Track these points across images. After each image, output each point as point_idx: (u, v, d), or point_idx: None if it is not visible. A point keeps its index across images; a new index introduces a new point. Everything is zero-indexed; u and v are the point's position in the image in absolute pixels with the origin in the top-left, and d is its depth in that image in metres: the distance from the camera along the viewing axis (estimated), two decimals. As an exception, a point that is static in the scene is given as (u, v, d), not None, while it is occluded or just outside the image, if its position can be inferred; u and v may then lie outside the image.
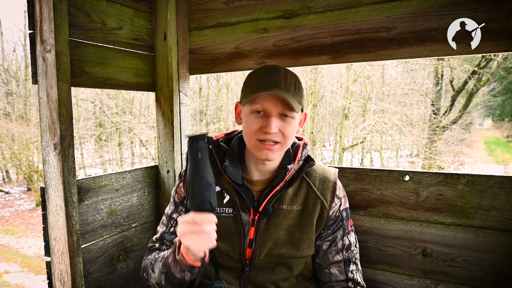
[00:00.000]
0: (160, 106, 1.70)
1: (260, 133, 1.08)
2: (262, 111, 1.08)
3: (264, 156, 1.09)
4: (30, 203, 12.12)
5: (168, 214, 1.28)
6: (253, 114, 1.09)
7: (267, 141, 1.08)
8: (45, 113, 1.23)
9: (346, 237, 1.20)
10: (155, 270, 1.12)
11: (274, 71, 1.11)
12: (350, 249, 1.20)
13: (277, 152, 1.11)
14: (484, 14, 1.15)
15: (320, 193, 1.18)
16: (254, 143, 1.10)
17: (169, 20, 1.61)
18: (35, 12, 1.20)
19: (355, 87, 11.07)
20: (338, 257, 1.19)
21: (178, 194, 1.27)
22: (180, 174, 1.29)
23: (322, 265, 1.21)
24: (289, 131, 1.09)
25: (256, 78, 1.12)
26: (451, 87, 11.39)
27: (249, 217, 1.15)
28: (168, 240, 1.25)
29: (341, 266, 1.18)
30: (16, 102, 13.00)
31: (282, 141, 1.10)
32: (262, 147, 1.09)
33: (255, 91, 1.06)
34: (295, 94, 1.09)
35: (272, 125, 1.06)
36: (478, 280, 1.26)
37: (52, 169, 1.24)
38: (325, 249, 1.20)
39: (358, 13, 1.33)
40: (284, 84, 1.07)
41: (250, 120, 1.10)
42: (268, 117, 1.08)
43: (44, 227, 1.29)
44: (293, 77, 1.11)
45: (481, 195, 1.24)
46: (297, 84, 1.11)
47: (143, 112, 12.16)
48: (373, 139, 11.92)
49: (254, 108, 1.08)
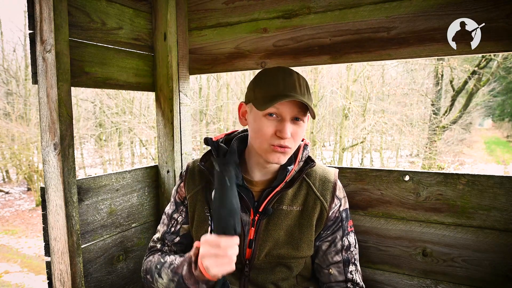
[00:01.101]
0: (160, 106, 1.70)
1: (274, 137, 1.06)
2: (275, 114, 1.06)
3: (276, 159, 1.08)
4: (30, 203, 12.12)
5: (168, 214, 1.28)
6: (266, 117, 1.06)
7: (280, 146, 1.06)
8: (45, 113, 1.23)
9: (345, 237, 1.20)
10: (163, 276, 1.12)
11: (288, 75, 1.08)
12: (350, 250, 1.20)
13: (288, 155, 1.10)
14: (484, 14, 1.15)
15: (320, 194, 1.18)
16: (267, 147, 1.07)
17: (169, 20, 1.61)
18: (35, 12, 1.20)
19: (355, 87, 11.07)
20: (337, 257, 1.18)
21: (178, 194, 1.27)
22: (180, 174, 1.29)
23: (322, 265, 1.21)
24: (299, 135, 1.09)
25: (271, 81, 1.08)
26: (451, 87, 11.39)
27: (249, 217, 1.15)
28: (169, 240, 1.25)
29: (340, 267, 1.18)
30: (16, 102, 13.00)
31: (293, 145, 1.10)
32: (276, 151, 1.07)
33: (274, 97, 1.03)
34: (308, 98, 1.09)
35: (287, 130, 1.04)
36: (478, 280, 1.26)
37: (52, 169, 1.24)
38: (325, 249, 1.20)
39: (358, 13, 1.33)
40: (299, 88, 1.06)
41: (262, 124, 1.07)
42: (283, 121, 1.05)
43: (44, 227, 1.29)
44: (304, 81, 1.10)
45: (481, 195, 1.24)
46: (308, 88, 1.11)
47: (143, 112, 12.16)
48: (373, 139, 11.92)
49: (268, 111, 1.06)
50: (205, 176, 1.22)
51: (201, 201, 1.20)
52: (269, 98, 1.04)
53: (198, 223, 1.20)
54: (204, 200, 1.20)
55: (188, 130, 1.76)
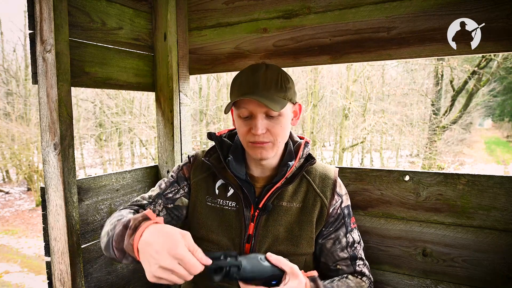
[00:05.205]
0: (160, 106, 1.70)
1: (250, 135, 1.10)
2: (248, 114, 1.10)
3: (259, 155, 1.11)
4: (30, 203, 12.12)
5: (168, 181, 1.25)
6: (240, 117, 1.12)
7: (257, 142, 1.10)
8: (45, 113, 1.23)
9: (349, 234, 1.20)
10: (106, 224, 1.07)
11: (254, 72, 1.10)
12: (354, 246, 1.20)
13: (271, 150, 1.12)
14: (484, 14, 1.15)
15: (320, 191, 1.18)
16: (247, 144, 1.13)
17: (169, 20, 1.61)
18: (35, 12, 1.20)
19: (355, 87, 11.07)
20: (343, 254, 1.19)
21: (183, 171, 1.26)
22: (188, 157, 1.28)
23: (329, 263, 1.21)
24: (277, 129, 1.10)
25: (239, 81, 1.12)
26: (451, 87, 11.38)
27: (250, 212, 1.16)
28: (163, 202, 1.20)
29: (348, 263, 1.19)
30: (16, 102, 13.00)
31: (273, 140, 1.11)
32: (255, 147, 1.11)
33: (236, 96, 1.08)
34: (277, 91, 1.07)
35: (258, 126, 1.07)
36: (478, 280, 1.26)
37: (52, 169, 1.24)
38: (329, 247, 1.20)
39: (358, 13, 1.33)
40: (263, 84, 1.07)
41: (239, 123, 1.13)
42: (254, 119, 1.09)
43: (44, 227, 1.29)
44: (274, 74, 1.09)
45: (481, 195, 1.24)
46: (279, 80, 1.09)
47: (143, 112, 12.16)
48: (373, 139, 11.93)
49: (241, 112, 1.10)
50: (209, 168, 1.24)
51: (204, 189, 1.22)
52: (234, 98, 1.09)
53: (194, 209, 1.21)
54: (206, 189, 1.21)
55: (188, 130, 1.76)
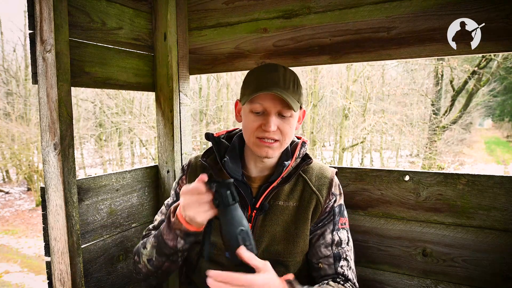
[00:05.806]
0: (160, 106, 1.70)
1: (260, 131, 1.10)
2: (261, 110, 1.10)
3: (264, 153, 1.11)
4: (30, 203, 12.12)
5: (168, 204, 1.29)
6: (253, 113, 1.11)
7: (266, 139, 1.10)
8: (45, 113, 1.23)
9: (335, 232, 1.18)
10: (147, 246, 1.13)
11: (273, 69, 1.11)
12: (341, 246, 1.17)
13: (277, 149, 1.12)
14: (484, 14, 1.15)
15: (316, 188, 1.18)
16: (254, 140, 1.12)
17: (169, 20, 1.61)
18: (35, 12, 1.20)
19: (355, 87, 11.07)
20: (326, 251, 1.17)
21: (179, 186, 1.28)
22: (182, 168, 1.31)
23: (313, 260, 1.20)
24: (287, 129, 1.11)
25: (256, 77, 1.13)
26: (451, 87, 11.38)
27: (247, 213, 1.16)
28: None
29: (330, 262, 1.16)
30: (16, 102, 13.00)
31: (281, 139, 1.12)
32: (262, 145, 1.11)
33: (255, 91, 1.07)
34: (294, 92, 1.10)
35: (271, 123, 1.07)
36: (478, 280, 1.26)
37: (52, 169, 1.24)
38: (314, 242, 1.19)
39: (358, 13, 1.33)
40: (283, 83, 1.08)
41: (249, 118, 1.12)
42: (267, 116, 1.09)
43: (44, 227, 1.29)
44: (292, 75, 1.12)
45: (481, 195, 1.24)
46: (295, 82, 1.12)
47: (143, 112, 12.16)
48: (373, 139, 11.93)
49: (254, 107, 1.10)
50: (207, 171, 1.23)
51: None
52: (250, 92, 1.09)
53: None
54: None
55: (188, 130, 1.76)
